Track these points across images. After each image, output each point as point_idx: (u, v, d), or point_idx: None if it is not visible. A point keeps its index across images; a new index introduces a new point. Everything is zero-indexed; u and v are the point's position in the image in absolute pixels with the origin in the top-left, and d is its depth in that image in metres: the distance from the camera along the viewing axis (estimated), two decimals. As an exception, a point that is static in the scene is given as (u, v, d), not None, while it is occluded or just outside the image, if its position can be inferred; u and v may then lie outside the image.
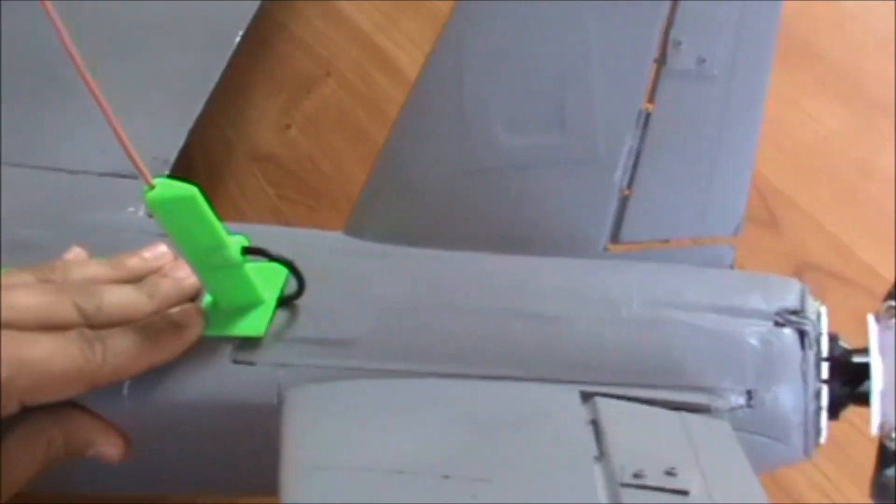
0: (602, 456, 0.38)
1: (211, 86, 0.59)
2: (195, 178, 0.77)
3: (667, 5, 0.50)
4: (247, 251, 0.42)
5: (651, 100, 0.50)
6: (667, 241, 0.49)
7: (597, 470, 0.37)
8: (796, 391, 0.43)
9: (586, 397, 0.42)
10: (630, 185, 0.49)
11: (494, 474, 0.37)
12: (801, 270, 0.68)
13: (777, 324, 0.43)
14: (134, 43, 0.62)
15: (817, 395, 0.43)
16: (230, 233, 0.42)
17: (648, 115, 0.50)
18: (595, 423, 0.40)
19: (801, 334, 0.43)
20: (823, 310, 0.46)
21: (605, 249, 0.49)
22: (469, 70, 0.51)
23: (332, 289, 0.45)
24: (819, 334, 0.44)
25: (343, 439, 0.39)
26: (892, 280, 0.66)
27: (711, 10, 0.50)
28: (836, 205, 0.70)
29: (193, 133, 0.58)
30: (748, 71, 0.50)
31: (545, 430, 0.39)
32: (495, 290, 0.45)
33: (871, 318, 0.45)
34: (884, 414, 0.44)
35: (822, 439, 0.45)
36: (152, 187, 0.38)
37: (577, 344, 0.43)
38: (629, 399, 0.42)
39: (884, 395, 0.44)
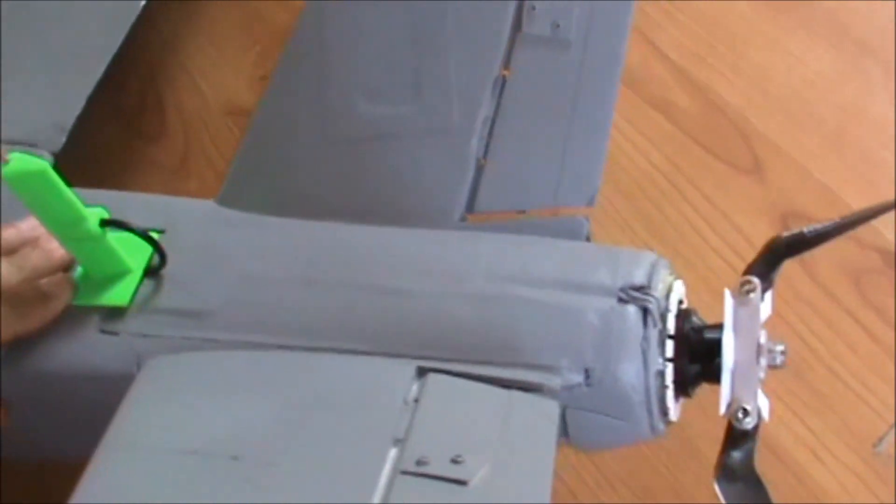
0: (403, 439, 0.38)
1: (112, 52, 0.59)
2: (169, 131, 0.75)
3: None
4: (106, 223, 0.43)
5: (507, 66, 0.49)
6: (523, 211, 0.48)
7: (391, 454, 0.37)
8: (637, 369, 0.41)
9: (422, 373, 0.41)
10: (486, 154, 0.48)
11: (285, 458, 0.37)
12: (786, 219, 0.66)
13: (621, 300, 0.42)
14: (32, 10, 0.62)
15: (661, 373, 0.42)
16: (89, 205, 0.43)
17: (504, 82, 0.49)
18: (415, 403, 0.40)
19: (645, 311, 0.42)
20: (678, 284, 0.44)
21: (463, 220, 0.48)
22: (331, 41, 0.51)
23: (197, 259, 0.46)
24: (666, 311, 0.42)
25: (161, 417, 0.40)
26: (881, 229, 0.64)
27: None
28: (822, 151, 0.68)
29: (93, 100, 0.57)
30: (603, 37, 0.49)
31: (359, 411, 0.40)
32: (348, 263, 0.45)
33: (727, 294, 0.43)
34: (732, 393, 0.42)
35: (673, 416, 0.44)
36: (7, 162, 0.39)
37: (419, 318, 0.43)
38: (465, 376, 0.41)
39: (734, 372, 0.42)
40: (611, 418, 0.42)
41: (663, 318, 0.42)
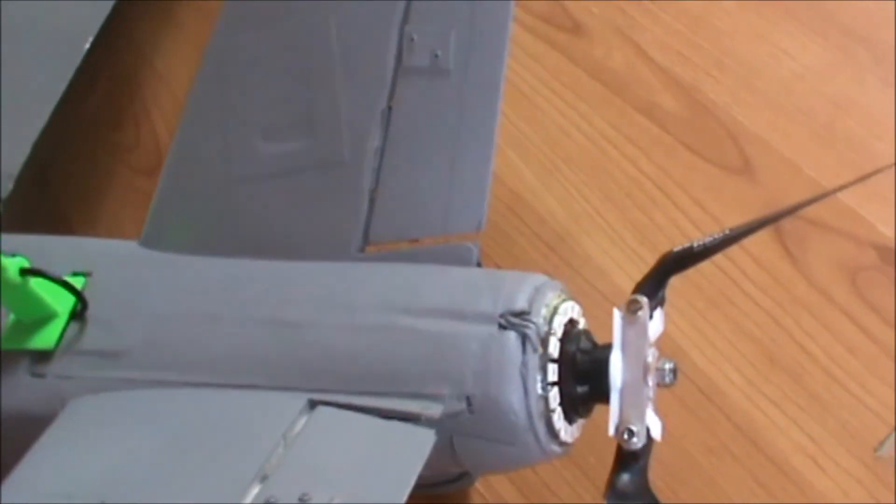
0: (268, 476, 0.38)
1: (57, 96, 0.60)
2: (124, 114, 0.75)
3: (402, 4, 0.50)
4: (26, 272, 0.45)
5: (392, 98, 0.49)
6: (416, 240, 0.49)
7: (253, 492, 0.38)
8: (517, 395, 0.41)
9: (313, 406, 0.42)
10: (377, 185, 0.49)
11: (151, 498, 0.39)
12: (780, 220, 0.64)
13: (501, 326, 0.42)
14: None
15: (544, 397, 0.42)
16: (16, 251, 0.45)
17: (390, 114, 0.49)
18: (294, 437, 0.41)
19: (524, 337, 0.41)
20: (567, 306, 0.44)
21: (361, 251, 0.49)
22: (231, 81, 0.53)
23: (117, 300, 0.48)
24: (548, 335, 0.42)
25: (55, 460, 0.42)
26: (878, 224, 0.62)
27: (441, 4, 0.50)
28: (813, 145, 0.66)
29: (39, 145, 0.58)
30: (481, 63, 0.48)
31: (235, 447, 0.41)
32: (250, 298, 0.47)
33: (615, 313, 0.42)
34: (620, 414, 0.42)
35: (568, 437, 0.44)
36: None
37: (312, 351, 0.44)
38: (352, 408, 0.42)
39: (622, 393, 0.42)
40: (497, 443, 0.42)
41: (544, 343, 0.42)
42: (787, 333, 0.61)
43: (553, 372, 0.42)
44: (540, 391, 0.41)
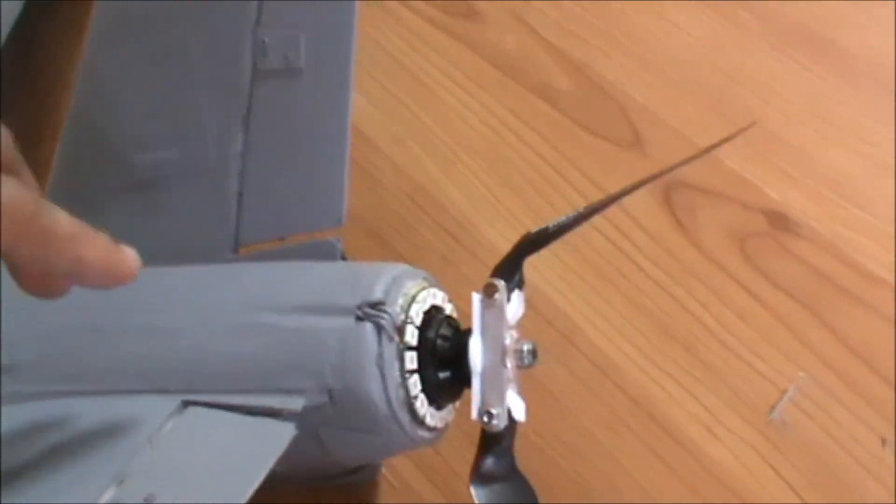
0: (125, 479, 0.39)
1: None
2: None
3: (255, 5, 0.50)
4: None
5: (251, 102, 0.51)
6: (282, 238, 0.50)
7: (108, 495, 0.39)
8: (376, 385, 0.42)
9: (186, 406, 0.43)
10: (243, 188, 0.50)
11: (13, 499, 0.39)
12: (668, 191, 0.64)
13: (358, 318, 0.42)
14: None
15: (404, 385, 0.42)
16: None
17: (250, 118, 0.51)
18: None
19: (379, 328, 0.42)
20: (429, 293, 0.44)
21: (235, 252, 0.50)
22: (104, 98, 0.54)
23: (15, 316, 0.48)
24: (405, 323, 0.42)
25: None
26: (766, 189, 0.62)
27: (290, 7, 0.51)
28: (704, 117, 0.66)
29: None
30: (331, 62, 0.49)
31: (100, 452, 0.41)
32: (129, 306, 0.47)
33: (474, 297, 0.43)
34: (482, 398, 0.42)
35: (437, 422, 0.44)
36: None
37: (186, 354, 0.45)
38: (221, 407, 0.43)
39: (483, 377, 0.42)
40: (362, 433, 0.43)
41: (401, 332, 0.42)
42: (680, 304, 0.61)
43: (412, 360, 0.43)
44: (399, 379, 0.42)
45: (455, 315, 0.47)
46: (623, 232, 0.64)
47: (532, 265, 0.65)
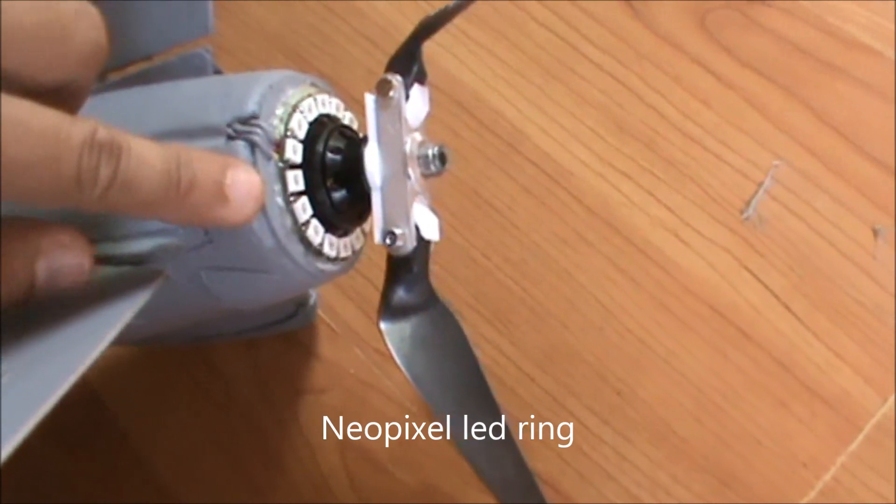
0: None
1: None
2: None
3: None
4: None
5: None
6: (149, 57, 0.43)
7: None
8: None
9: None
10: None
11: None
12: None
13: (229, 137, 0.35)
14: None
15: (290, 210, 0.35)
16: None
17: None
18: None
19: (252, 146, 0.35)
20: (316, 101, 0.37)
21: (102, 81, 0.43)
22: None
23: None
24: (284, 138, 0.35)
25: None
26: None
27: None
28: None
29: None
30: None
31: None
32: None
33: (367, 98, 0.36)
34: (384, 216, 0.36)
35: (340, 251, 0.38)
36: None
37: None
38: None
39: (383, 192, 0.36)
40: (250, 273, 0.36)
41: (280, 148, 0.35)
42: (636, 95, 0.54)
43: (297, 179, 0.36)
44: (282, 204, 0.35)
45: (356, 126, 0.39)
46: (568, 21, 0.56)
47: (467, 66, 0.58)
